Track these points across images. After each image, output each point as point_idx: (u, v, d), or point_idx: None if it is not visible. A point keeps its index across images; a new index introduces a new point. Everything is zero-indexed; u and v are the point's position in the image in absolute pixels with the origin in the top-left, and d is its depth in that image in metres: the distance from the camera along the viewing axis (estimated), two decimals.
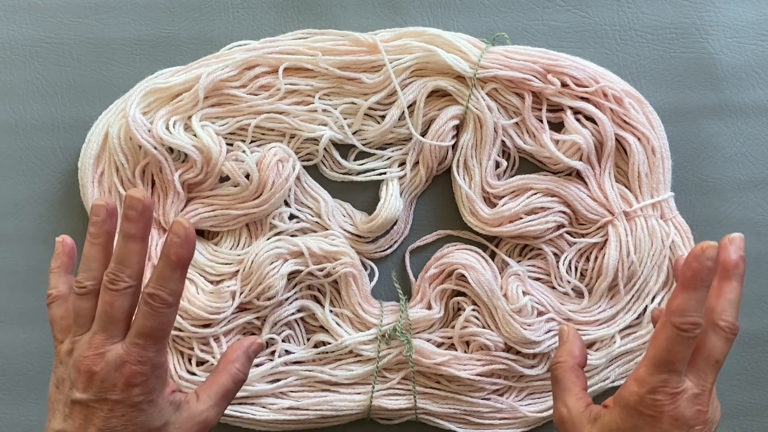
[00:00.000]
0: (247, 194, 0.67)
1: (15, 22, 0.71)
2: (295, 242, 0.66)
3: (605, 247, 0.68)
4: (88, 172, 0.67)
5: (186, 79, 0.66)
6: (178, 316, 0.65)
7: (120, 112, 0.67)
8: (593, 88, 0.67)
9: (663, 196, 0.68)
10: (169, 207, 0.67)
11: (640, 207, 0.67)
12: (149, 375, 0.50)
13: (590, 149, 0.67)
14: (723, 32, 0.72)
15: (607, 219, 0.68)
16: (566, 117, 0.67)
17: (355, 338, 0.67)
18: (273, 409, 0.67)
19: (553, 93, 0.67)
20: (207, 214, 0.67)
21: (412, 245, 0.71)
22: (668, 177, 0.68)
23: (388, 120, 0.68)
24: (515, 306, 0.66)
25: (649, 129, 0.67)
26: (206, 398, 0.54)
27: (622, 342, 0.68)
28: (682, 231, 0.68)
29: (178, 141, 0.65)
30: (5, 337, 0.70)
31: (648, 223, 0.67)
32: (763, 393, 0.71)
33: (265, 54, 0.67)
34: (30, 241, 0.70)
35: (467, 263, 0.67)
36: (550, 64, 0.67)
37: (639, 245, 0.67)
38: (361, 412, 0.68)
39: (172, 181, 0.66)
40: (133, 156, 0.66)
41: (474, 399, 0.67)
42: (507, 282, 0.68)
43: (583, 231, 0.69)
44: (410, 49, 0.67)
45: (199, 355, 0.67)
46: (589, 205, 0.68)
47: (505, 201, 0.68)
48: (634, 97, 0.68)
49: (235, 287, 0.66)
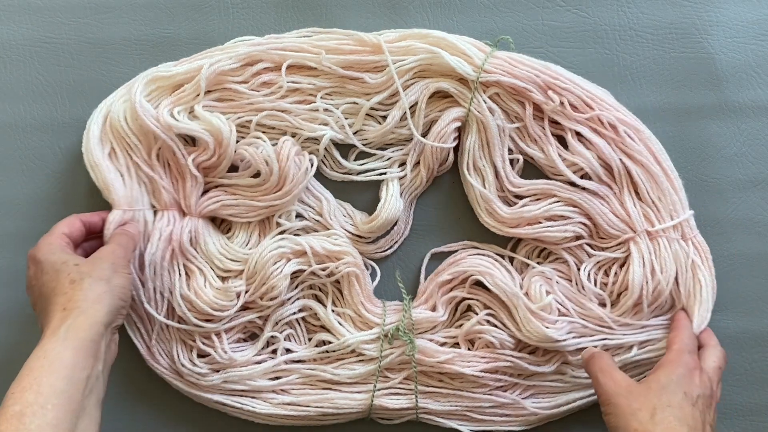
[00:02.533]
0: (268, 186, 0.67)
1: (15, 22, 0.71)
2: (298, 242, 0.66)
3: (627, 263, 0.67)
4: (96, 151, 0.65)
5: (189, 68, 0.66)
6: (184, 306, 0.65)
7: (122, 97, 0.66)
8: (587, 115, 0.67)
9: (683, 217, 0.67)
10: (189, 191, 0.67)
11: (662, 228, 0.67)
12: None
13: (597, 170, 0.67)
14: (723, 32, 0.72)
15: (629, 236, 0.67)
16: (568, 138, 0.67)
17: (357, 337, 0.67)
18: (273, 403, 0.67)
19: (552, 110, 0.67)
20: (229, 201, 0.67)
21: (435, 249, 0.71)
22: (683, 196, 0.68)
23: (390, 120, 0.68)
24: (539, 304, 0.66)
25: (648, 157, 0.67)
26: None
27: (638, 352, 0.68)
28: (702, 251, 0.68)
29: (186, 125, 0.64)
30: (5, 337, 0.70)
31: (671, 246, 0.67)
32: (763, 393, 0.71)
33: (268, 49, 0.67)
34: (30, 241, 0.70)
35: (483, 269, 0.67)
36: (551, 81, 0.66)
37: (664, 267, 0.67)
38: (362, 411, 0.68)
39: (187, 165, 0.66)
40: (145, 138, 0.66)
41: (476, 395, 0.67)
42: (530, 282, 0.68)
43: (603, 245, 0.69)
44: (414, 50, 0.67)
45: (201, 348, 0.67)
46: (611, 220, 0.67)
47: (526, 202, 0.68)
48: (629, 125, 0.67)
49: (241, 288, 0.66)
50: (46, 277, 0.58)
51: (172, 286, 0.66)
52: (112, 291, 0.58)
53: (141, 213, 0.66)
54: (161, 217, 0.66)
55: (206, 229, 0.67)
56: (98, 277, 0.58)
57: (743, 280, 0.71)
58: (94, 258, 0.60)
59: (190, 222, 0.67)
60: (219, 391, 0.67)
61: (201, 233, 0.67)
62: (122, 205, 0.65)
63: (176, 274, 0.66)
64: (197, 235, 0.67)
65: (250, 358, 0.67)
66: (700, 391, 0.60)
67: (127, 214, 0.65)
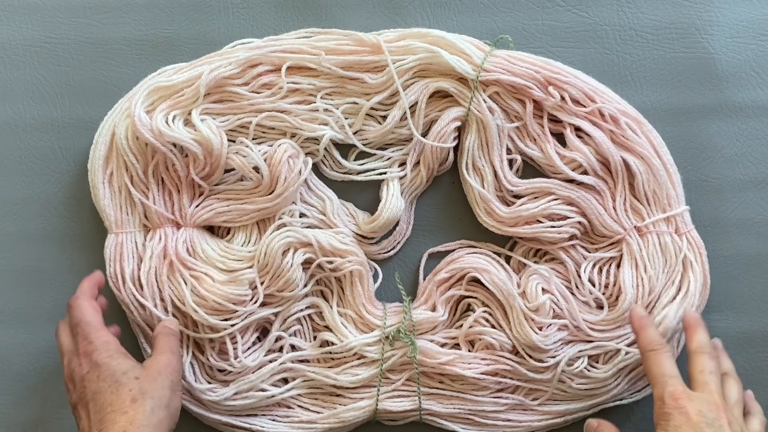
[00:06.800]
0: (261, 189, 0.67)
1: (15, 22, 0.71)
2: (304, 233, 0.66)
3: (621, 264, 0.68)
4: (98, 173, 0.67)
5: (189, 77, 0.66)
6: (199, 307, 0.65)
7: (125, 111, 0.67)
8: (589, 108, 0.67)
9: (675, 211, 0.68)
10: (185, 202, 0.67)
11: (652, 222, 0.67)
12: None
13: (593, 165, 0.67)
14: (723, 32, 0.72)
15: (620, 236, 0.67)
16: (567, 134, 0.68)
17: (359, 340, 0.67)
18: (281, 421, 0.68)
19: (552, 105, 0.67)
20: (222, 208, 0.67)
21: (432, 249, 0.71)
22: (680, 191, 0.68)
23: (390, 120, 0.68)
24: (533, 304, 0.66)
25: (649, 149, 0.67)
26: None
27: (626, 356, 0.67)
28: (695, 246, 0.68)
29: (176, 134, 0.65)
30: (5, 337, 0.70)
31: (661, 239, 0.67)
32: (763, 393, 0.71)
33: (268, 52, 0.67)
34: (30, 241, 0.70)
35: (480, 266, 0.68)
36: (551, 77, 0.66)
37: (652, 262, 0.67)
38: (367, 418, 0.68)
39: (184, 177, 0.66)
40: (142, 156, 0.66)
41: (478, 398, 0.67)
42: (527, 280, 0.68)
43: (596, 244, 0.69)
44: (413, 50, 0.67)
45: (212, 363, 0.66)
46: (605, 220, 0.67)
47: (524, 201, 0.68)
48: (631, 117, 0.67)
49: (252, 275, 0.65)
50: (104, 384, 0.57)
51: (180, 296, 0.65)
52: (170, 415, 0.58)
53: (132, 235, 0.67)
54: (152, 237, 0.66)
55: (201, 237, 0.67)
56: (159, 400, 0.57)
57: (743, 280, 0.71)
58: (152, 372, 0.59)
59: (185, 232, 0.67)
60: (228, 413, 0.67)
61: (197, 242, 0.67)
62: (115, 230, 0.67)
63: (182, 284, 0.65)
64: (193, 245, 0.67)
65: (261, 360, 0.67)
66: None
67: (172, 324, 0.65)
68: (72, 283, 0.69)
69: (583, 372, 0.67)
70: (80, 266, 0.70)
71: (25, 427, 0.70)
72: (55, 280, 0.70)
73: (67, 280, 0.70)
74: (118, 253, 0.66)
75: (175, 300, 0.65)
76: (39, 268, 0.70)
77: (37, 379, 0.70)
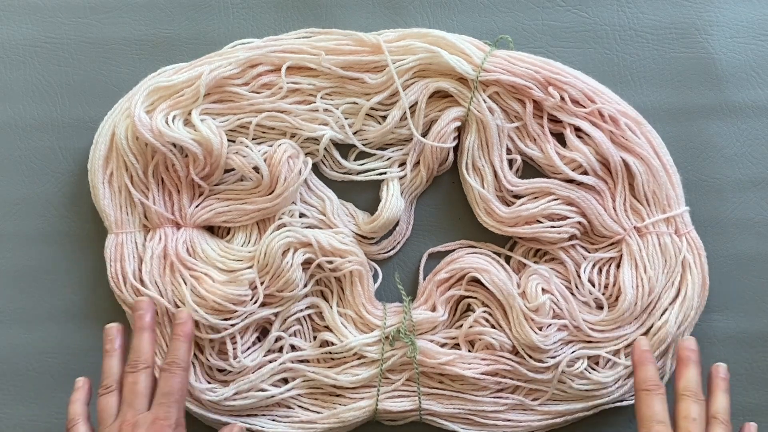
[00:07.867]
0: (261, 189, 0.67)
1: (15, 22, 0.71)
2: (304, 233, 0.66)
3: (621, 264, 0.68)
4: (98, 174, 0.67)
5: (189, 77, 0.66)
6: (198, 307, 0.65)
7: (125, 111, 0.67)
8: (588, 108, 0.67)
9: (675, 212, 0.68)
10: (185, 202, 0.67)
11: (652, 223, 0.67)
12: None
13: (593, 165, 0.67)
14: (723, 32, 0.72)
15: (620, 236, 0.68)
16: (567, 134, 0.68)
17: (359, 340, 0.67)
18: (281, 421, 0.68)
19: (552, 106, 0.67)
20: (222, 208, 0.67)
21: (432, 249, 0.71)
22: (680, 192, 0.68)
23: (390, 120, 0.68)
24: (533, 304, 0.66)
25: (648, 150, 0.67)
26: None
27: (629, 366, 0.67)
28: (695, 247, 0.68)
29: (176, 135, 0.65)
30: (5, 337, 0.70)
31: (661, 240, 0.67)
32: (763, 393, 0.71)
33: (268, 52, 0.67)
34: (30, 241, 0.70)
35: (480, 266, 0.68)
36: (551, 77, 0.67)
37: (652, 263, 0.67)
38: (367, 418, 0.68)
39: (184, 177, 0.66)
40: (142, 156, 0.66)
41: (478, 398, 0.67)
42: (527, 280, 0.68)
43: (595, 244, 0.69)
44: (413, 50, 0.67)
45: (211, 362, 0.66)
46: (604, 221, 0.67)
47: (524, 201, 0.68)
48: (631, 118, 0.67)
49: (252, 275, 0.65)
50: None
51: (180, 296, 0.65)
52: None
53: (132, 235, 0.67)
54: (152, 237, 0.66)
55: (201, 237, 0.67)
56: None
57: (743, 280, 0.71)
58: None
59: (185, 232, 0.67)
60: (228, 413, 0.67)
61: (197, 242, 0.67)
62: (115, 230, 0.67)
63: (182, 284, 0.65)
64: (193, 245, 0.67)
65: (261, 360, 0.67)
66: None
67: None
68: (72, 283, 0.70)
69: (583, 373, 0.67)
70: (80, 266, 0.70)
71: (25, 427, 0.70)
72: (55, 280, 0.70)
73: (67, 280, 0.70)
74: (119, 254, 0.66)
75: (176, 300, 0.66)
76: (39, 268, 0.70)
77: (37, 379, 0.70)
